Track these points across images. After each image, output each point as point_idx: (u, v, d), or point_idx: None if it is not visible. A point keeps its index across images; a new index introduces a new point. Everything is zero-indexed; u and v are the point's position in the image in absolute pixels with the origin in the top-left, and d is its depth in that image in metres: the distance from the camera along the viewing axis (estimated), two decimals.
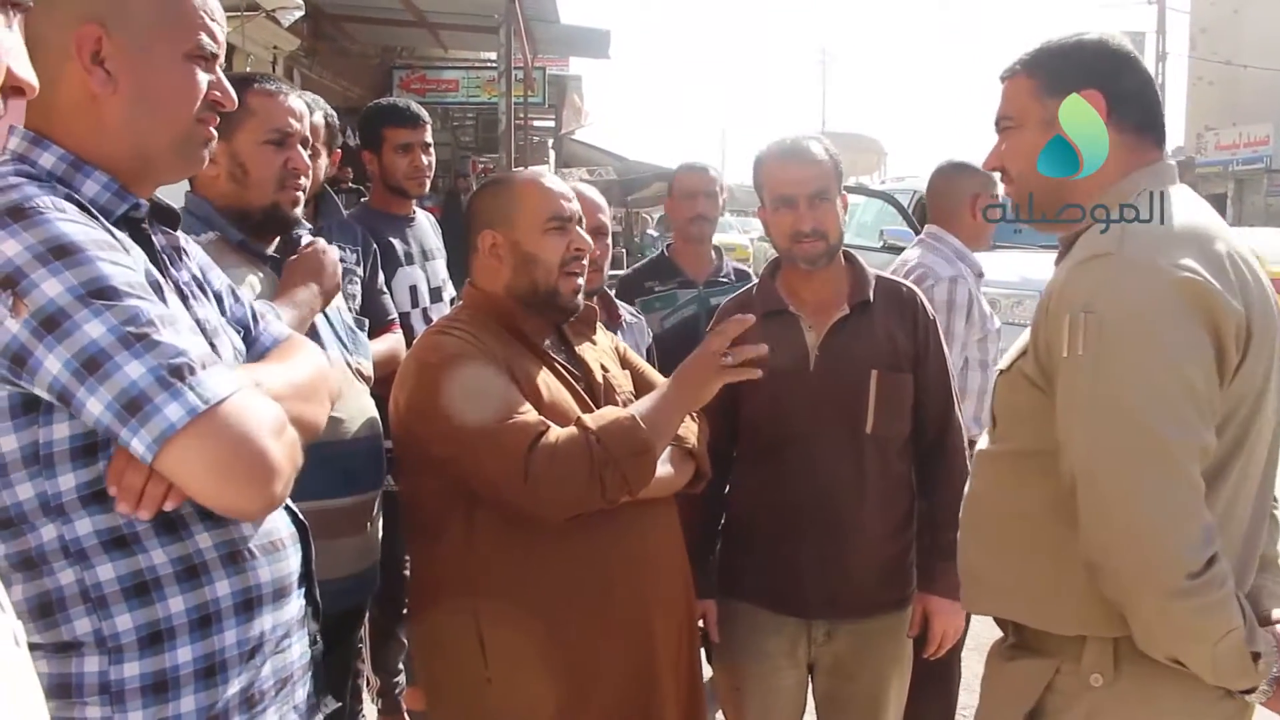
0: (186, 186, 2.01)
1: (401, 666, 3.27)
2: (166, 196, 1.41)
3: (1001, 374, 1.60)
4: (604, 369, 2.01)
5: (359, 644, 2.51)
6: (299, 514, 1.39)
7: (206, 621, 1.20)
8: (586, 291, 2.01)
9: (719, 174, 3.48)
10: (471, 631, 1.79)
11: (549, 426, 1.74)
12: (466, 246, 1.97)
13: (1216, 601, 1.32)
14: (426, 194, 3.41)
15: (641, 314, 2.99)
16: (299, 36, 9.58)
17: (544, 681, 1.79)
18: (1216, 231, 1.45)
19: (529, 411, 1.75)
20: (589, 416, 1.79)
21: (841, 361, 2.21)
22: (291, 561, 1.33)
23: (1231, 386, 1.38)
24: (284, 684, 1.31)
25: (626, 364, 2.13)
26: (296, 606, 1.34)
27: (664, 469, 1.88)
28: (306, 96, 2.68)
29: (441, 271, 3.27)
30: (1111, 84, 1.53)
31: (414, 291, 3.10)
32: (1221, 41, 28.42)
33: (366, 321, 2.41)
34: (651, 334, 2.94)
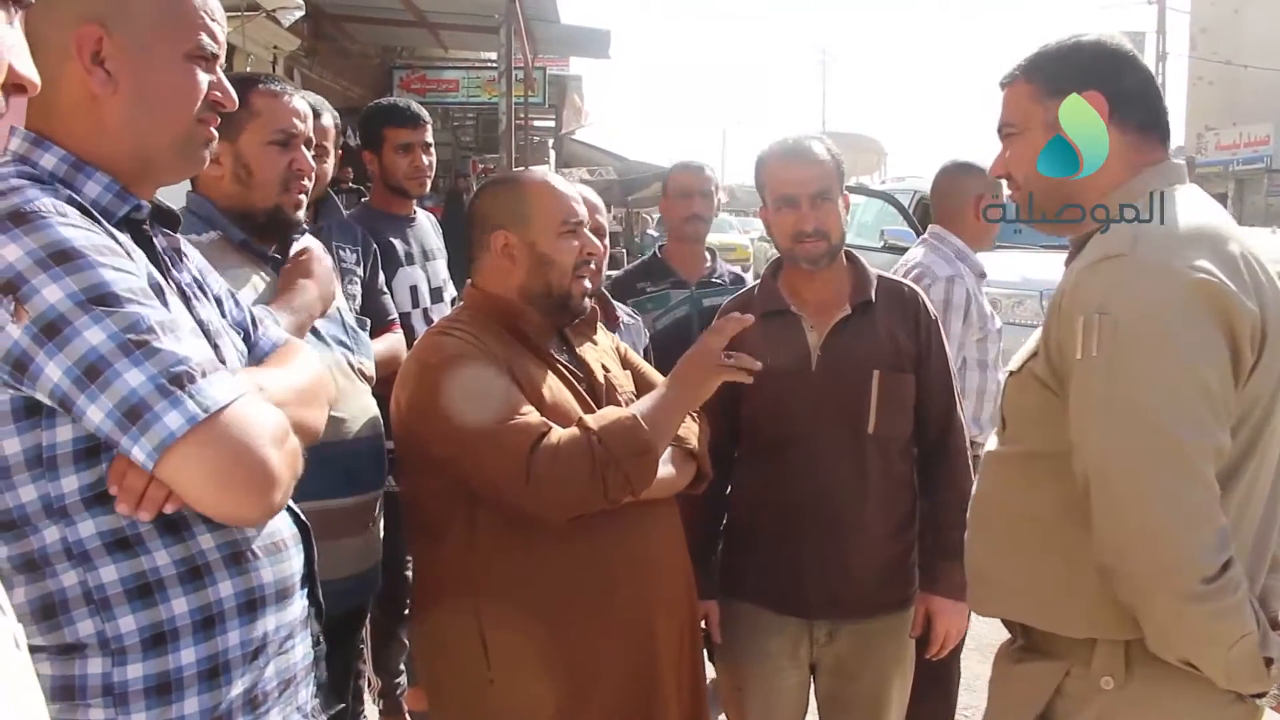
0: (188, 187, 2.00)
1: (403, 667, 3.27)
2: (167, 196, 1.41)
3: (1011, 375, 1.58)
4: (605, 369, 2.01)
5: (360, 644, 2.51)
6: (301, 514, 1.38)
7: (210, 623, 1.20)
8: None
9: (714, 173, 3.44)
10: (474, 632, 1.79)
11: (551, 427, 1.74)
12: (470, 246, 1.96)
13: (1231, 606, 1.31)
14: (427, 194, 3.41)
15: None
16: (299, 36, 9.58)
17: (546, 682, 1.79)
18: (1229, 232, 1.45)
19: (530, 412, 1.75)
20: (590, 417, 1.79)
21: (843, 361, 2.21)
22: (294, 562, 1.33)
23: (1246, 388, 1.38)
24: (287, 685, 1.31)
25: (627, 364, 2.13)
26: (299, 607, 1.34)
27: (665, 470, 1.88)
28: (313, 98, 2.68)
29: (442, 271, 3.26)
30: (1112, 84, 1.52)
31: (414, 292, 3.10)
32: (1222, 41, 28.42)
33: (368, 321, 2.41)
34: (648, 334, 2.94)
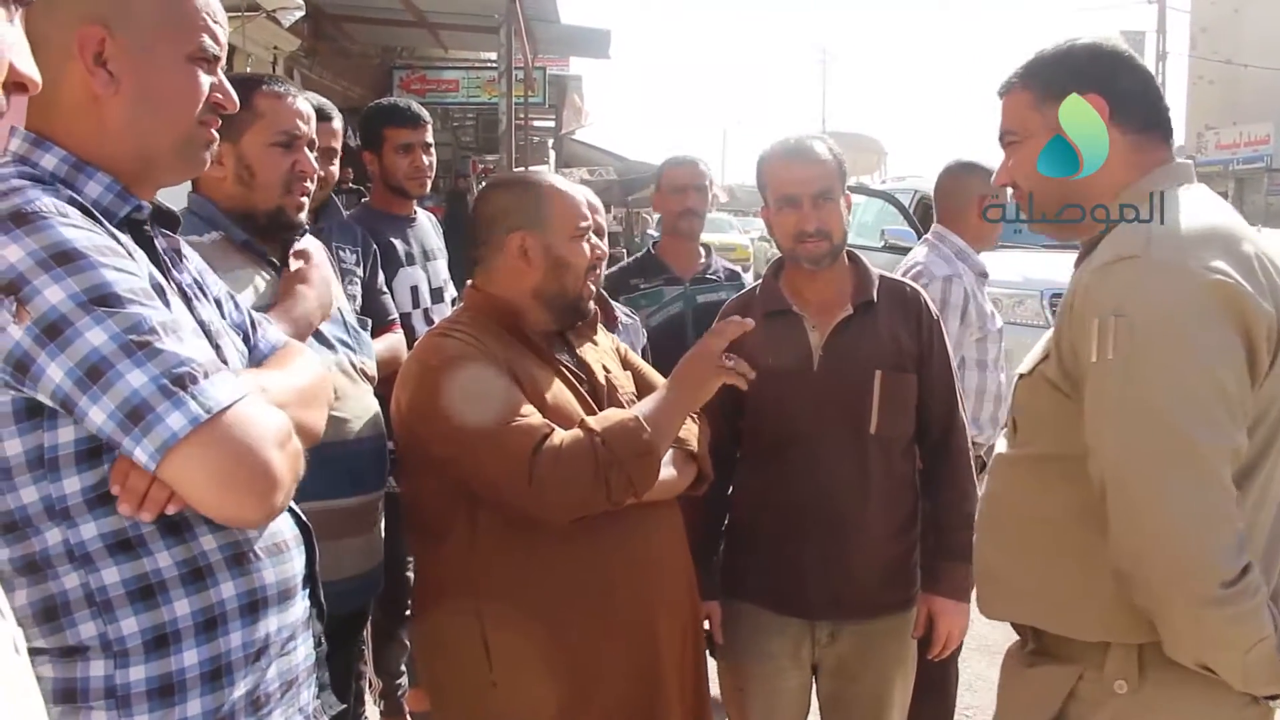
0: (188, 188, 1.99)
1: (404, 668, 3.26)
2: (168, 197, 1.41)
3: (1022, 378, 1.57)
4: (606, 370, 2.01)
5: (362, 645, 2.51)
6: (302, 515, 1.38)
7: (212, 624, 1.19)
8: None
9: (708, 167, 3.39)
10: (476, 633, 1.79)
11: (553, 429, 1.73)
12: (478, 246, 1.94)
13: (1249, 610, 1.31)
14: (427, 194, 3.40)
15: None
16: (299, 37, 9.58)
17: (548, 683, 1.78)
18: (1242, 232, 1.44)
19: (532, 414, 1.74)
20: (593, 419, 1.79)
21: (845, 362, 2.21)
22: (296, 563, 1.33)
23: (1262, 388, 1.37)
24: (289, 686, 1.31)
25: (627, 365, 2.12)
26: (301, 608, 1.34)
27: (667, 471, 1.87)
28: (320, 101, 2.67)
29: (443, 272, 3.25)
30: (1110, 86, 1.52)
31: (415, 292, 3.09)
32: (1222, 41, 28.44)
33: (370, 321, 2.40)
34: (645, 334, 2.93)
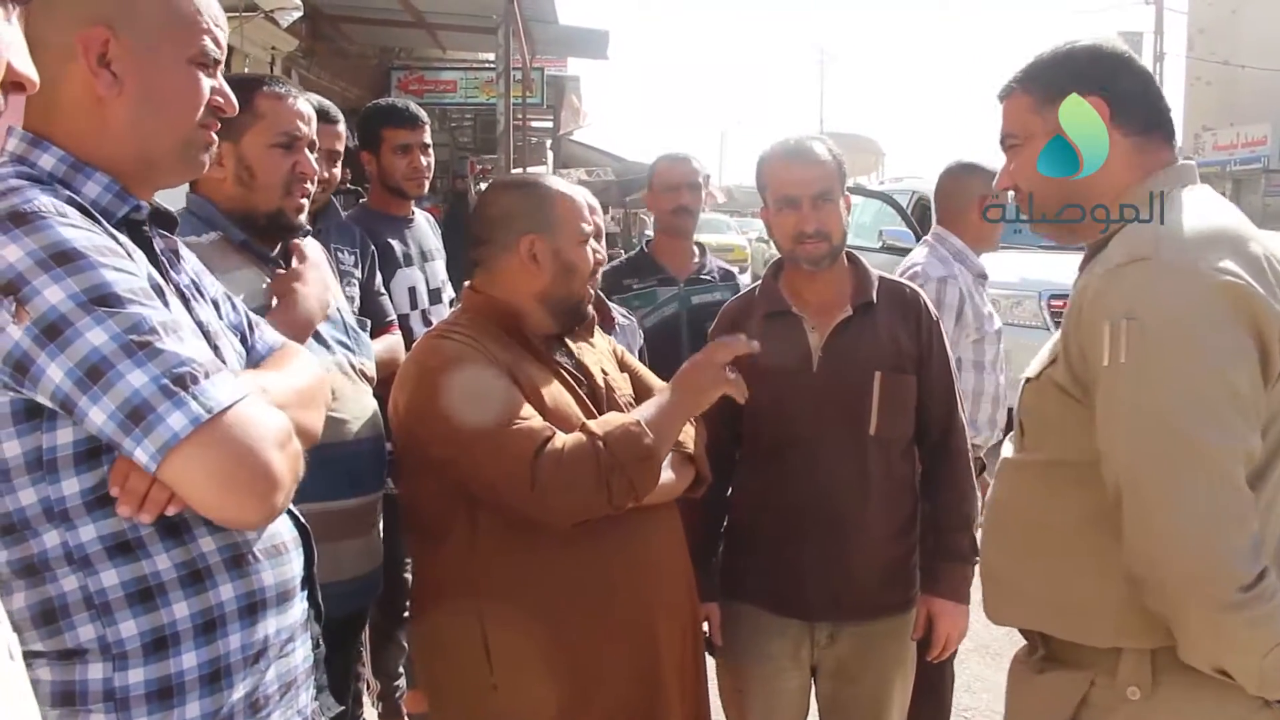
0: (186, 188, 1.99)
1: (401, 670, 3.26)
2: (166, 198, 1.41)
3: (1029, 382, 1.56)
4: (604, 372, 2.00)
5: (360, 647, 2.51)
6: (300, 517, 1.38)
7: (211, 626, 1.19)
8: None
9: (702, 164, 3.36)
10: (477, 636, 1.78)
11: (555, 432, 1.73)
12: (483, 246, 1.92)
13: (1266, 614, 1.29)
14: (425, 195, 3.40)
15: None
16: (297, 37, 9.56)
17: (548, 685, 1.78)
18: (1249, 232, 1.43)
19: (533, 416, 1.74)
20: (594, 422, 1.78)
21: (844, 363, 2.21)
22: (294, 565, 1.33)
23: (1274, 390, 1.36)
24: (288, 688, 1.31)
25: (624, 366, 2.12)
26: (300, 610, 1.34)
27: (665, 474, 1.87)
28: (324, 103, 2.67)
29: (441, 273, 3.25)
30: (1110, 88, 1.51)
31: (413, 293, 3.09)
32: (1219, 42, 28.46)
33: (369, 322, 2.40)
34: (642, 335, 2.92)
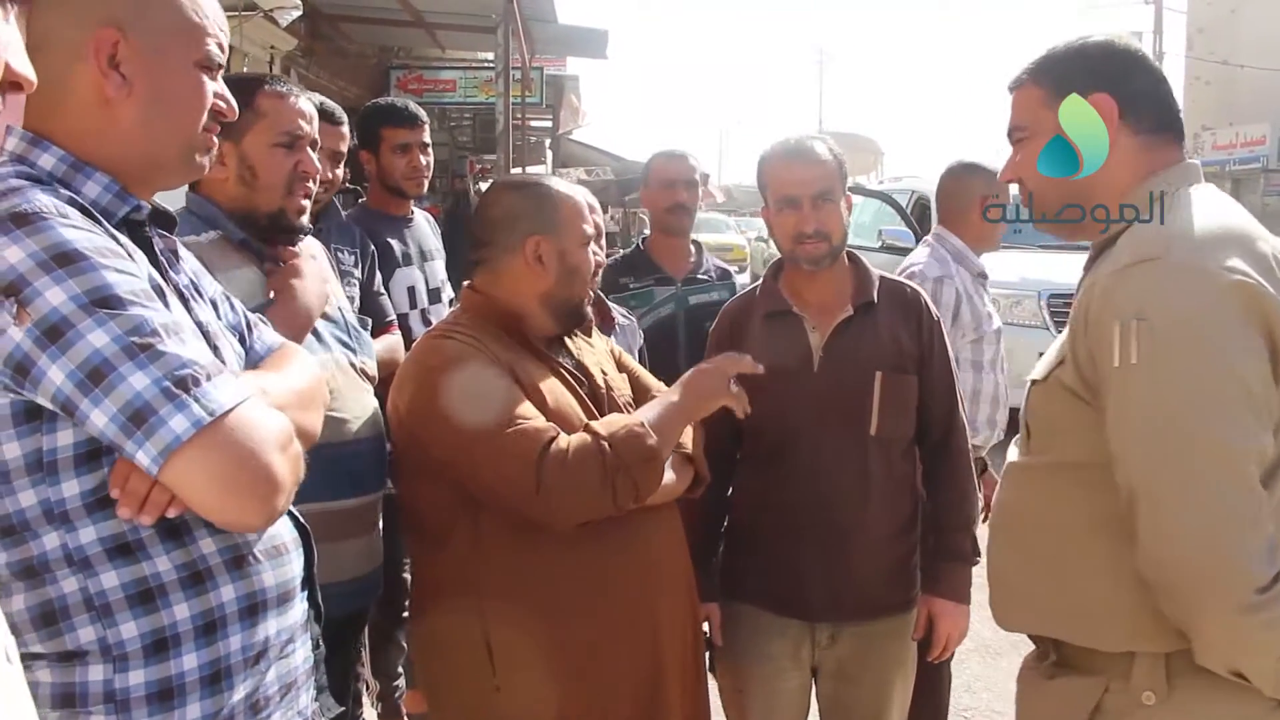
0: (186, 187, 1.98)
1: (401, 670, 3.25)
2: (165, 198, 1.41)
3: (1035, 384, 1.55)
4: (604, 373, 2.00)
5: (360, 647, 2.50)
6: (300, 517, 1.38)
7: (211, 628, 1.19)
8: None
9: (699, 162, 3.33)
10: (479, 637, 1.78)
11: (558, 433, 1.72)
12: (486, 247, 1.92)
13: None
14: (424, 194, 3.40)
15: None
16: (296, 36, 9.55)
17: (550, 686, 1.77)
18: (1257, 232, 1.43)
19: (536, 417, 1.73)
20: (598, 423, 1.78)
21: (845, 363, 2.21)
22: (295, 565, 1.33)
23: None
24: (288, 689, 1.31)
25: (623, 367, 2.12)
26: (300, 611, 1.34)
27: (666, 475, 1.87)
28: (328, 103, 2.66)
29: (440, 272, 3.24)
30: (1121, 86, 1.50)
31: (412, 293, 3.08)
32: (1219, 41, 28.44)
33: (369, 321, 2.39)
34: (642, 335, 2.91)
